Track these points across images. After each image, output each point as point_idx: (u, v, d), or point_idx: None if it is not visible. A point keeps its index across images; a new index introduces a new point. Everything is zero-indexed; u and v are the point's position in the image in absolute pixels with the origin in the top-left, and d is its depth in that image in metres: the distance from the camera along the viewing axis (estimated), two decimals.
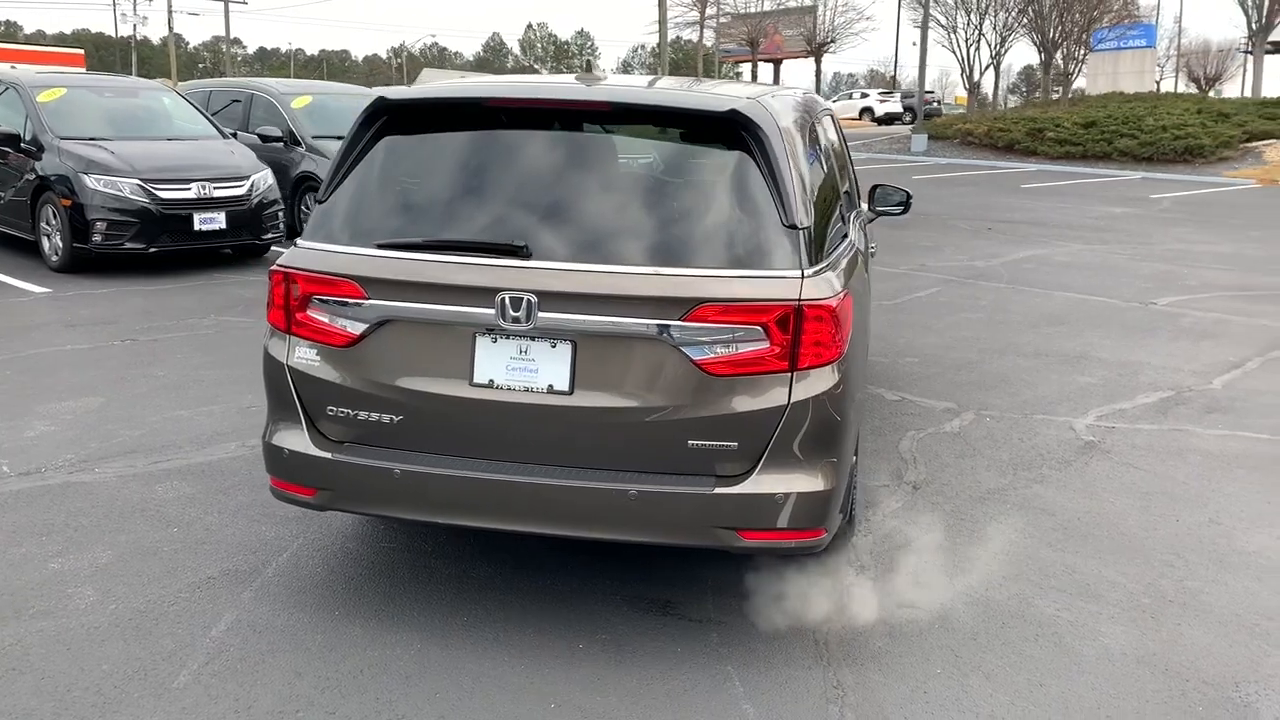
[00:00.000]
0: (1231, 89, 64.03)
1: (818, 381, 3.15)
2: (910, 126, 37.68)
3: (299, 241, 3.44)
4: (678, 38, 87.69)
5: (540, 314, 3.11)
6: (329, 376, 3.36)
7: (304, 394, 3.41)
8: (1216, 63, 72.02)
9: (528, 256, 3.17)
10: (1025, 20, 37.21)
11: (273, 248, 10.70)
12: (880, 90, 55.42)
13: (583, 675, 3.22)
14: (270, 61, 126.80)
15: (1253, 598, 3.80)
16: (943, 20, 35.33)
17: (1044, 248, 12.92)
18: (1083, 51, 39.16)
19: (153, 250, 9.83)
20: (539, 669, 3.25)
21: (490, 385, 3.21)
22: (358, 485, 3.36)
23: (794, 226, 3.21)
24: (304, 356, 3.40)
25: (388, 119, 3.48)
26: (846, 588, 3.74)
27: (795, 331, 3.10)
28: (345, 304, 3.30)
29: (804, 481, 3.18)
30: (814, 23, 54.01)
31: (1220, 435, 5.67)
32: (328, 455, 3.36)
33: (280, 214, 10.72)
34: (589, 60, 3.78)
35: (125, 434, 5.31)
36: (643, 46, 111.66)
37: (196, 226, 9.96)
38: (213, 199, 10.06)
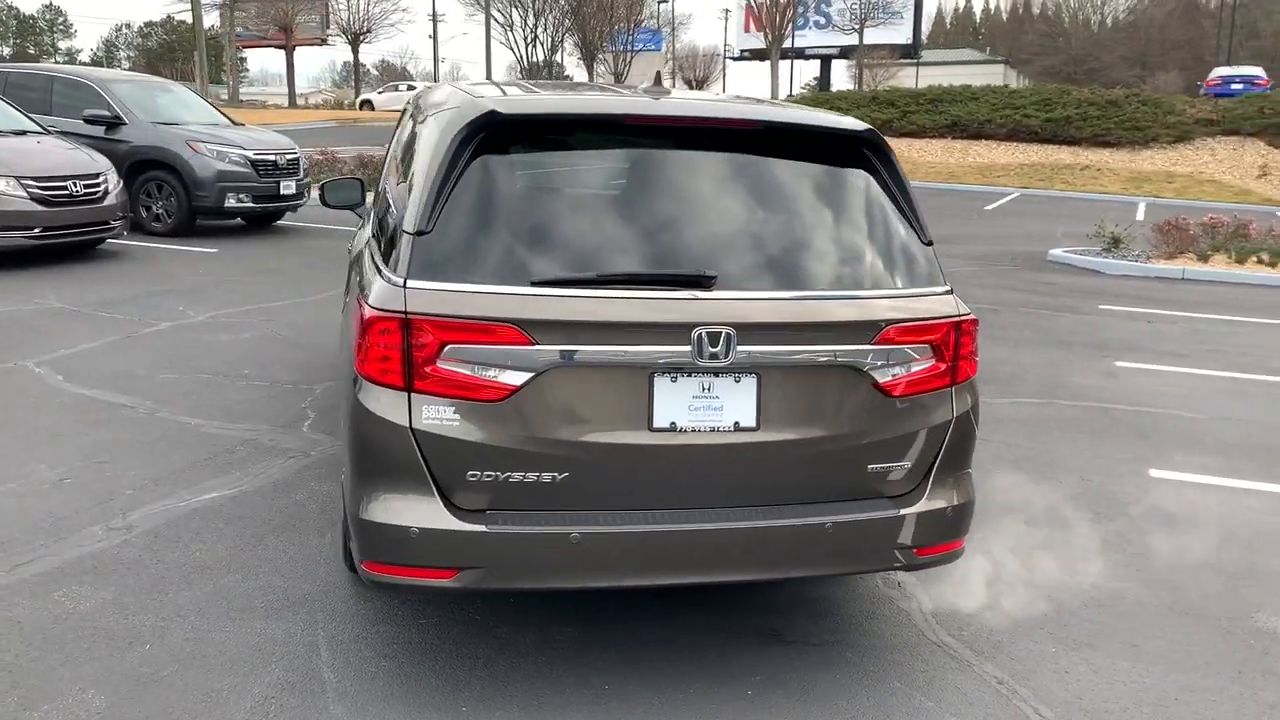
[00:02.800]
0: (715, 89, 72.18)
1: (968, 395, 3.27)
2: None
3: (409, 282, 2.90)
4: (168, 17, 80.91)
5: (738, 348, 2.93)
6: (473, 437, 2.88)
7: (436, 460, 2.90)
8: (703, 66, 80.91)
9: (710, 287, 2.96)
10: (568, 22, 39.07)
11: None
12: (428, 84, 55.29)
13: (765, 713, 3.10)
14: None
15: None
16: (499, 17, 36.03)
17: None
18: (627, 52, 41.93)
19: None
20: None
21: (672, 429, 2.95)
22: (522, 558, 2.93)
23: (929, 243, 3.30)
24: (437, 416, 2.88)
25: (496, 135, 3.04)
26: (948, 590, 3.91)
27: (955, 347, 3.20)
28: (503, 353, 2.85)
29: (960, 493, 3.29)
30: (326, 9, 53.24)
31: None
32: (480, 528, 2.89)
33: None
34: (659, 71, 3.51)
35: None
36: (128, 25, 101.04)
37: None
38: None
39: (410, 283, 2.89)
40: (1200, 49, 73.89)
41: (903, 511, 3.15)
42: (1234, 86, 34.53)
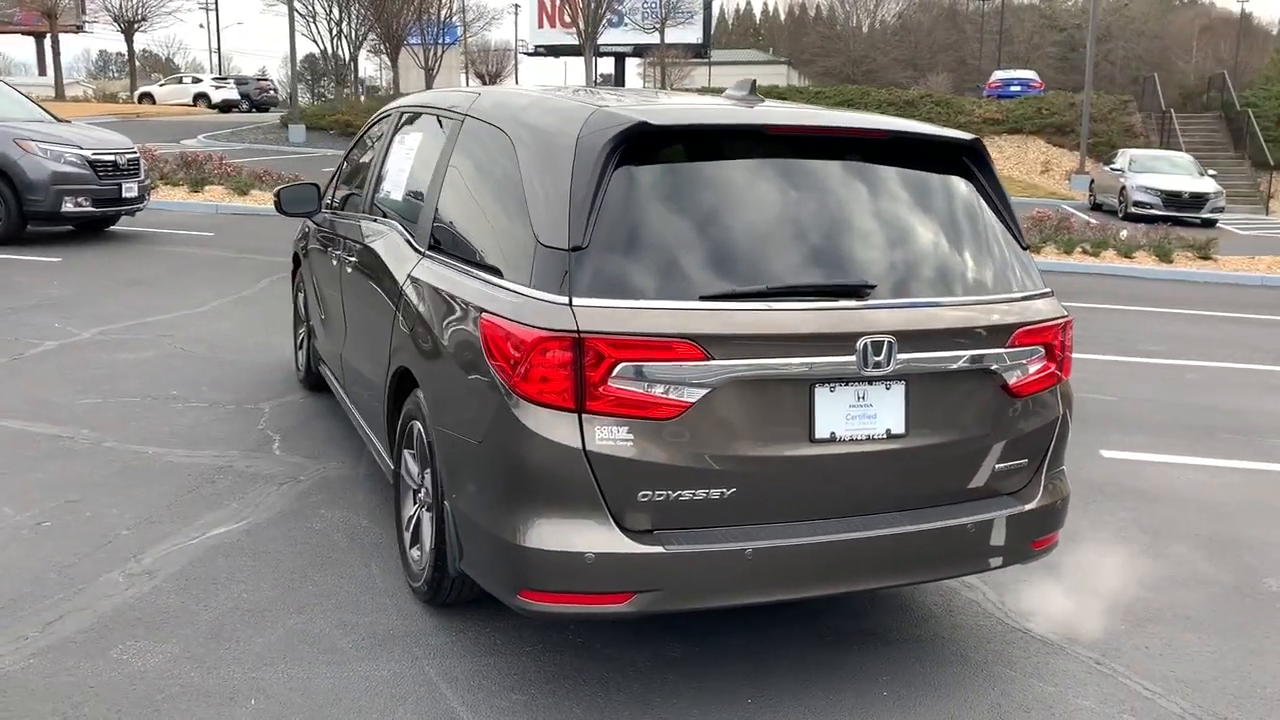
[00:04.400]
0: (509, 84, 71.93)
1: (1068, 391, 3.44)
2: (281, 115, 36.37)
3: (575, 299, 2.78)
4: None
5: (898, 355, 2.97)
6: (646, 456, 2.80)
7: (608, 482, 2.80)
8: (495, 61, 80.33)
9: (866, 296, 2.99)
10: (371, 15, 37.89)
11: None
12: (215, 76, 52.37)
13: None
14: None
15: None
16: (302, 8, 34.51)
17: None
18: (437, 46, 41.02)
19: None
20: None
21: (831, 439, 2.96)
22: (698, 578, 2.86)
23: (1027, 248, 3.45)
24: (611, 437, 2.78)
25: (644, 146, 2.96)
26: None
27: (1062, 347, 3.35)
28: (679, 369, 2.78)
29: (1063, 485, 3.45)
30: None
31: None
32: (658, 550, 2.80)
33: None
34: (754, 80, 3.47)
35: None
36: None
37: None
38: None
39: (577, 300, 2.78)
40: (963, 52, 79.32)
41: (1026, 507, 3.27)
42: (1012, 89, 37.35)
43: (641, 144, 2.95)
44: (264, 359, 7.02)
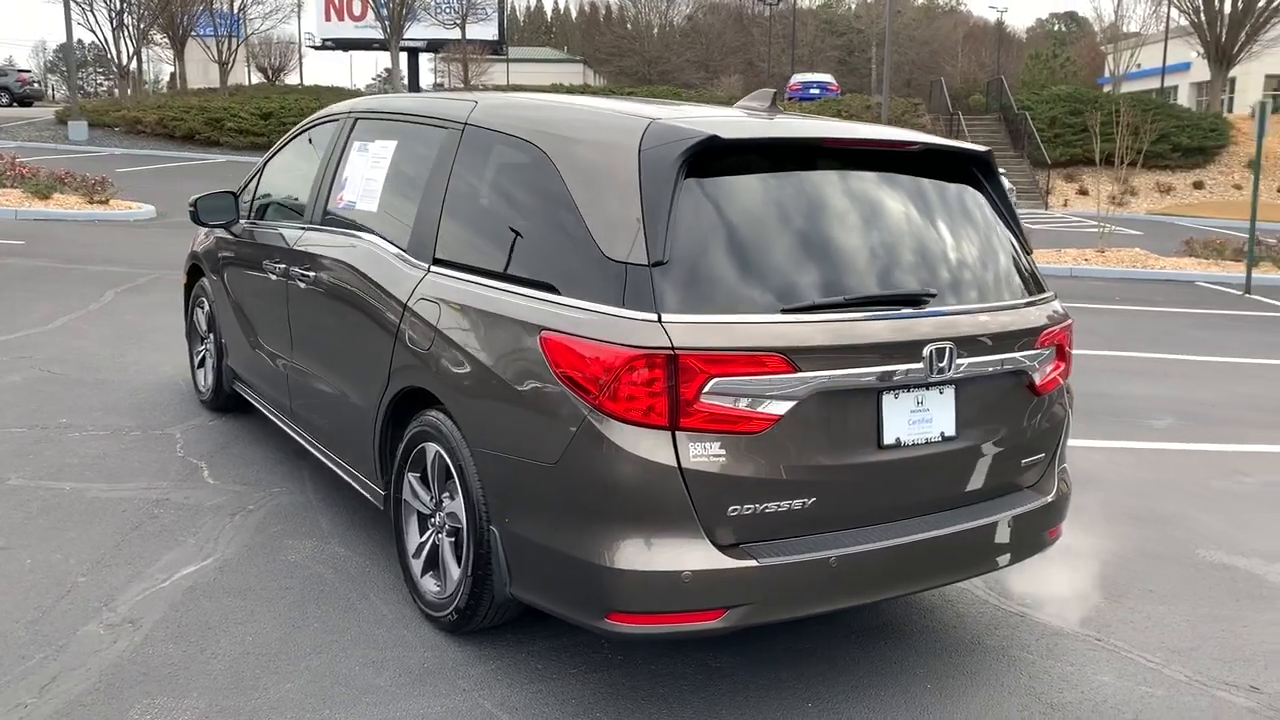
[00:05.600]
0: (292, 79, 69.08)
1: (1070, 388, 3.65)
2: (57, 111, 33.57)
3: (665, 316, 2.74)
4: None
5: (956, 360, 3.08)
6: (737, 471, 2.80)
7: (701, 498, 2.77)
8: (279, 54, 77.21)
9: (926, 304, 3.08)
10: (156, 3, 35.64)
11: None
12: None
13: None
14: None
15: None
16: None
17: None
18: (231, 37, 38.95)
19: None
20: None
21: (897, 445, 3.04)
22: (788, 589, 2.87)
23: (1030, 253, 3.64)
24: (704, 453, 2.76)
25: (714, 160, 2.94)
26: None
27: (1069, 346, 3.56)
28: (769, 382, 2.79)
29: (1068, 477, 3.67)
30: None
31: None
32: (750, 563, 2.80)
33: None
34: (775, 91, 3.46)
35: None
36: None
37: None
38: None
39: (666, 316, 2.74)
40: (751, 55, 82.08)
41: (1047, 499, 3.46)
42: (812, 91, 38.98)
43: (710, 157, 2.94)
44: (149, 379, 6.53)
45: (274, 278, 4.68)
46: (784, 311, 2.85)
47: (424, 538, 3.60)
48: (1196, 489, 5.53)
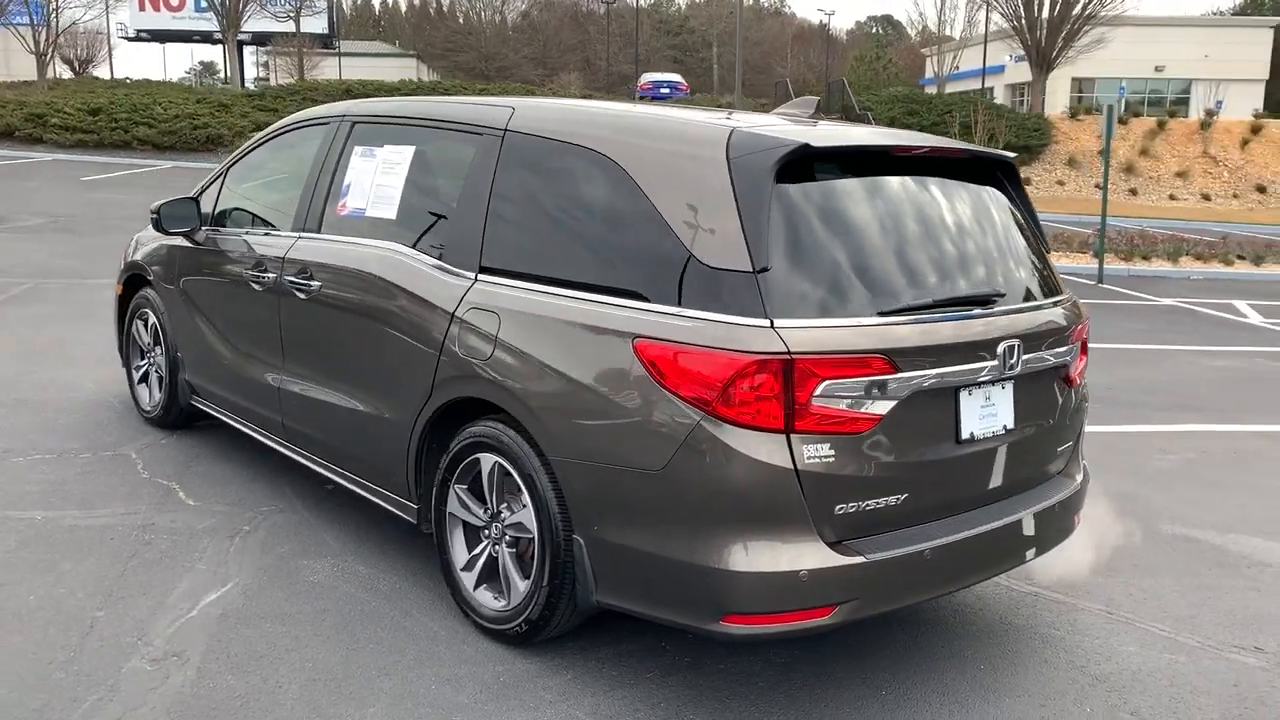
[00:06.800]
0: (102, 72, 65.18)
1: (1085, 380, 3.89)
2: None
3: (777, 321, 2.79)
4: None
5: (1022, 357, 3.24)
6: (844, 470, 2.88)
7: (814, 498, 2.84)
8: (86, 45, 72.78)
9: (995, 304, 3.24)
10: None
11: None
12: None
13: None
14: None
15: None
16: None
17: None
18: (43, 26, 36.37)
19: None
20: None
21: (971, 439, 3.19)
22: (890, 582, 2.97)
23: (1050, 252, 3.86)
24: (816, 454, 2.83)
25: (804, 167, 3.01)
26: None
27: (1086, 341, 3.80)
28: (874, 383, 2.88)
29: (1085, 464, 3.91)
30: None
31: None
32: (858, 559, 2.89)
33: None
34: (818, 99, 3.51)
35: None
36: None
37: None
38: None
39: (779, 321, 2.80)
40: (589, 53, 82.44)
41: (1075, 483, 3.69)
42: (662, 91, 39.39)
43: (801, 165, 3.01)
44: (75, 397, 6.12)
45: (259, 287, 4.48)
46: (880, 314, 2.95)
47: (476, 550, 3.54)
48: (1133, 469, 5.94)
